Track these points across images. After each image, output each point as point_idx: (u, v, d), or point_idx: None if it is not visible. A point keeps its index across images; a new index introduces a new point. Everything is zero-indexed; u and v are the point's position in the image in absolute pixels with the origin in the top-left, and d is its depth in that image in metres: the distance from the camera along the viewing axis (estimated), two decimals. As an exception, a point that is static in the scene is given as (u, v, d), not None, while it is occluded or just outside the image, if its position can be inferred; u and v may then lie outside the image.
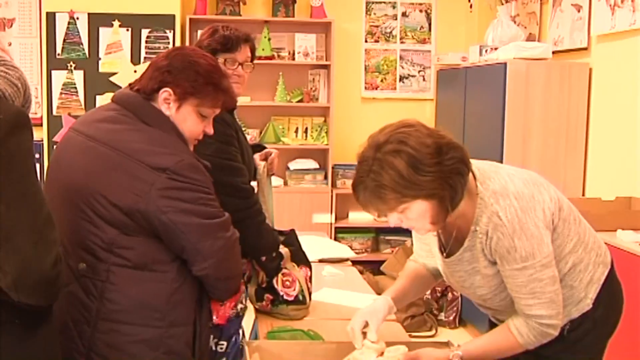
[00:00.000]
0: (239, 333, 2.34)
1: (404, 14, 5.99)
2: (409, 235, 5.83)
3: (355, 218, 5.86)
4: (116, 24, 5.06)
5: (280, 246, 2.57)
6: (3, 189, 1.42)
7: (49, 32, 5.03)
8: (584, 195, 4.45)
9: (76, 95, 5.07)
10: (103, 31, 5.07)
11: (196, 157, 1.96)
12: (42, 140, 5.07)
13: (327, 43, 5.72)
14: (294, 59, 5.69)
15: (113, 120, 1.94)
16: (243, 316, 2.31)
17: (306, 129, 5.81)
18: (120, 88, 2.07)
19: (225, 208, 2.10)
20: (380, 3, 5.96)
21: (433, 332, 4.87)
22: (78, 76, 5.06)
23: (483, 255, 1.88)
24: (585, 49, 4.48)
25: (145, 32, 5.08)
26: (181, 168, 1.86)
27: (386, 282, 5.20)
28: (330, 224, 5.63)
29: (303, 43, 5.66)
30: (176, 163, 1.85)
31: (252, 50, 2.66)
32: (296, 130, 5.82)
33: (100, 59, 5.07)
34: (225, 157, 2.44)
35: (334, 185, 5.73)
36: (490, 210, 1.82)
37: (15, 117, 1.48)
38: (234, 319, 2.22)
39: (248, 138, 3.00)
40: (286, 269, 2.55)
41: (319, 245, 3.52)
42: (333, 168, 5.72)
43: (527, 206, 1.82)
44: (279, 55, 5.73)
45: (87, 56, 5.07)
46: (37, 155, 5.09)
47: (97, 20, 5.05)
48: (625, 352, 3.28)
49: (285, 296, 2.52)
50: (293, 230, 2.68)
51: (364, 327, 1.99)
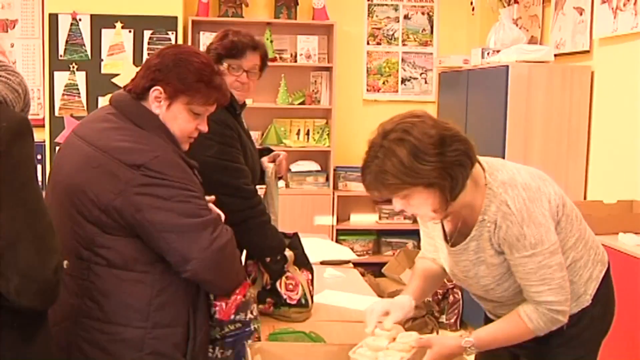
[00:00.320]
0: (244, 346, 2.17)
1: (406, 17, 5.99)
2: (410, 237, 5.87)
3: (357, 220, 5.87)
4: (119, 25, 5.07)
5: (285, 249, 2.57)
6: (5, 197, 1.42)
7: (52, 34, 5.04)
8: (585, 198, 4.45)
9: (78, 97, 5.07)
10: (105, 32, 5.08)
11: (182, 156, 1.92)
12: (44, 142, 5.08)
13: (329, 45, 5.73)
14: (296, 61, 5.70)
15: (101, 120, 1.95)
16: (251, 330, 2.12)
17: (308, 131, 5.81)
18: (122, 89, 2.08)
19: (227, 208, 2.10)
20: (383, 5, 5.97)
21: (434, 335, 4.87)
22: (80, 77, 5.07)
23: (490, 244, 1.93)
24: (587, 52, 4.48)
25: (147, 34, 5.09)
26: (156, 164, 1.82)
27: (387, 285, 5.19)
28: (332, 226, 5.63)
29: (305, 45, 5.67)
30: (151, 159, 1.82)
31: (263, 58, 2.61)
32: (298, 132, 5.83)
33: (102, 60, 5.08)
34: (227, 159, 2.45)
35: (335, 187, 5.73)
36: (499, 199, 1.88)
37: (18, 125, 1.48)
38: (240, 332, 2.09)
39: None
40: (289, 272, 2.55)
41: (320, 247, 3.53)
42: (335, 170, 5.72)
43: (534, 196, 1.88)
44: (281, 57, 5.74)
45: (90, 57, 5.07)
46: (39, 157, 5.12)
47: (100, 22, 5.06)
48: (625, 354, 3.28)
49: (288, 300, 2.52)
50: (296, 234, 2.68)
51: (384, 315, 2.01)
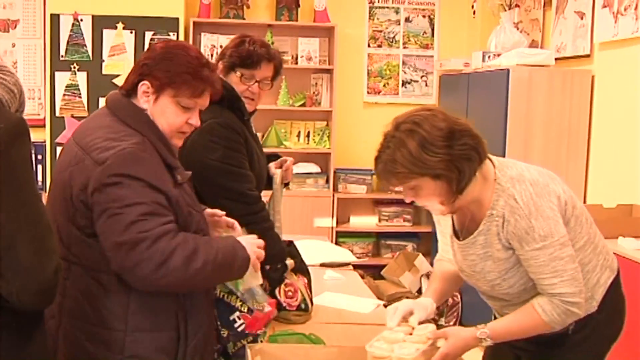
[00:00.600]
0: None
1: (407, 19, 6.00)
2: (409, 240, 5.87)
3: (356, 222, 5.87)
4: (120, 26, 5.08)
5: (287, 257, 2.56)
6: (3, 199, 1.42)
7: (53, 34, 5.05)
8: (585, 202, 4.44)
9: (79, 97, 5.08)
10: (107, 33, 5.08)
11: (162, 154, 1.85)
12: (45, 142, 5.08)
13: (330, 47, 5.73)
14: (296, 63, 5.70)
15: (93, 119, 1.95)
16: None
17: (308, 133, 5.81)
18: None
19: (230, 213, 2.11)
20: (384, 8, 5.97)
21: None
22: (81, 78, 5.08)
23: (498, 239, 1.95)
24: (588, 56, 4.48)
25: (148, 35, 5.09)
26: (117, 160, 1.76)
27: (387, 287, 5.19)
28: (332, 228, 5.64)
29: (306, 47, 5.67)
30: (116, 154, 1.77)
31: (276, 69, 2.58)
32: (298, 135, 5.83)
33: (103, 61, 5.09)
34: (231, 163, 2.44)
35: (335, 189, 5.73)
36: (507, 193, 1.92)
37: (15, 127, 1.47)
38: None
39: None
40: (287, 279, 2.54)
41: (320, 249, 3.53)
42: (335, 172, 5.72)
43: (542, 192, 1.92)
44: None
45: (91, 58, 5.08)
46: (40, 157, 5.12)
47: (101, 22, 5.06)
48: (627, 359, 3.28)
49: (287, 307, 2.51)
50: (292, 242, 2.68)
51: (409, 315, 2.04)
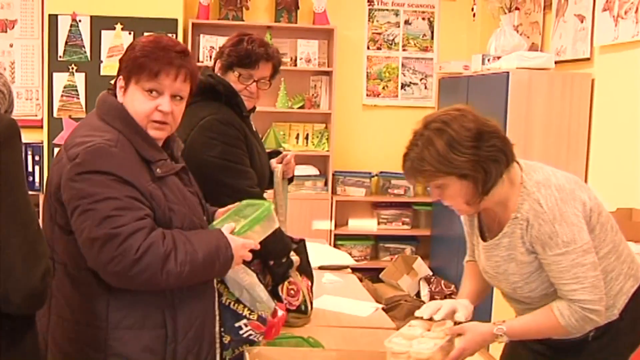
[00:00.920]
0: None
1: (407, 22, 5.99)
2: (408, 243, 5.86)
3: (355, 225, 5.85)
4: (118, 27, 5.06)
5: (292, 252, 2.53)
6: None
7: (51, 34, 5.03)
8: (584, 206, 4.43)
9: (77, 98, 5.06)
10: (105, 34, 5.07)
11: (137, 149, 1.84)
12: (42, 143, 5.06)
13: (329, 49, 5.72)
14: (295, 65, 5.68)
15: (83, 118, 1.99)
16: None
17: (307, 135, 5.80)
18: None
19: None
20: (383, 10, 5.96)
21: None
22: (79, 79, 5.06)
23: (522, 242, 1.97)
24: (588, 59, 4.47)
25: (147, 36, 5.07)
26: (85, 156, 1.76)
27: (385, 290, 5.17)
28: (330, 230, 5.62)
29: (305, 49, 5.66)
30: (84, 149, 1.77)
31: (275, 68, 2.56)
32: (297, 137, 5.81)
33: (102, 61, 5.07)
34: (230, 159, 2.42)
35: (334, 192, 5.72)
36: (532, 197, 1.94)
37: (7, 129, 1.45)
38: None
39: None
40: (292, 277, 2.52)
41: (318, 252, 3.51)
42: (333, 175, 5.71)
43: (568, 198, 1.93)
44: (280, 61, 5.73)
45: (89, 59, 5.06)
46: (37, 158, 5.10)
47: (100, 23, 5.04)
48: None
49: (288, 305, 2.48)
50: (303, 240, 2.66)
51: (452, 313, 2.04)
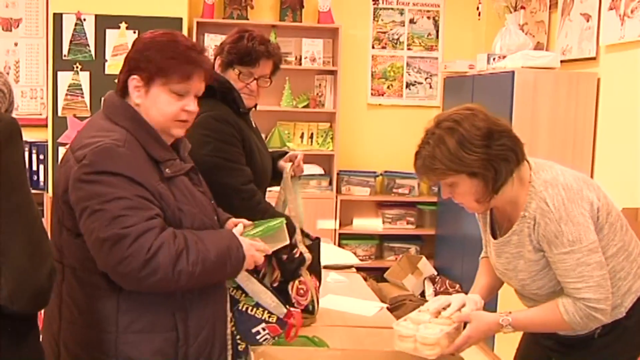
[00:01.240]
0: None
1: (412, 21, 5.98)
2: (412, 242, 5.85)
3: (359, 225, 5.85)
4: (123, 26, 5.06)
5: (305, 250, 2.51)
6: None
7: (56, 33, 5.02)
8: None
9: (82, 97, 5.06)
10: (110, 33, 5.06)
11: (147, 150, 1.81)
12: (47, 142, 5.06)
13: (334, 49, 5.71)
14: (300, 64, 5.69)
15: (89, 119, 1.95)
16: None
17: (312, 134, 5.80)
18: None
19: (224, 210, 2.07)
20: (388, 9, 5.95)
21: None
22: (84, 77, 5.06)
23: (529, 240, 2.00)
24: (594, 58, 4.46)
25: (152, 35, 5.07)
26: (93, 157, 1.73)
27: (390, 290, 5.17)
28: (335, 230, 5.61)
29: (310, 48, 5.65)
30: (92, 150, 1.74)
31: (276, 65, 2.54)
32: (302, 136, 5.81)
33: (106, 60, 5.06)
34: (223, 157, 2.38)
35: (338, 191, 5.71)
36: (539, 196, 1.96)
37: (7, 128, 1.44)
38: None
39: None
40: (302, 276, 2.50)
41: (323, 251, 3.49)
42: (338, 174, 5.71)
43: (574, 197, 1.95)
44: (285, 60, 5.71)
45: (94, 58, 5.06)
46: (42, 157, 5.10)
47: (104, 22, 5.04)
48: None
49: (296, 304, 2.46)
50: (318, 239, 2.65)
51: (461, 307, 2.07)
